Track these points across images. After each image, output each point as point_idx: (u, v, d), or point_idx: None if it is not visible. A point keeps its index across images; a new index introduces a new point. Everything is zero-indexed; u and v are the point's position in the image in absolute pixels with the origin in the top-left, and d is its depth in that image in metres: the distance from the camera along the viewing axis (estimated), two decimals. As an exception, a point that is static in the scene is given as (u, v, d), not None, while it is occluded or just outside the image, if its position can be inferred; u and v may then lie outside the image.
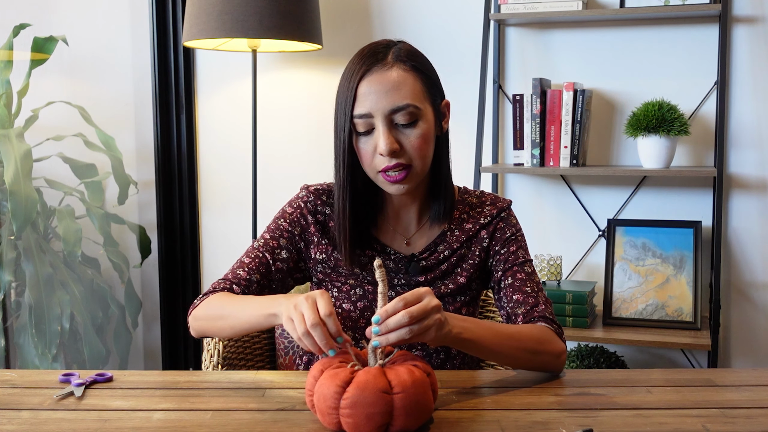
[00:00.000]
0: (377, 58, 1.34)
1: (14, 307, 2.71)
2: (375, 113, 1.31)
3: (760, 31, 2.43)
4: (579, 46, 2.58)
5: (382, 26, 2.74)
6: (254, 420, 1.11)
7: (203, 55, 2.91)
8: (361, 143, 1.35)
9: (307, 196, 1.47)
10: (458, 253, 1.46)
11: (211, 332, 1.37)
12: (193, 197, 2.96)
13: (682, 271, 2.43)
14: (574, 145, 2.43)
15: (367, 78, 1.32)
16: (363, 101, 1.32)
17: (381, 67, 1.33)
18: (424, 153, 1.35)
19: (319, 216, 1.46)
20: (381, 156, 1.33)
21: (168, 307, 3.00)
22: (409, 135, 1.33)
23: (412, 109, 1.32)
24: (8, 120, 2.66)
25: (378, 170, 1.34)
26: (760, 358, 2.51)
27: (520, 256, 1.45)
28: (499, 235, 1.46)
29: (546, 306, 1.40)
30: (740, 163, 2.48)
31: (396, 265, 1.45)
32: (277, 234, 1.46)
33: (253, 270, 1.43)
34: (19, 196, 2.44)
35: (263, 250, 1.45)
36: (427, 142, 1.35)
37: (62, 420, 1.12)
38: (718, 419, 1.11)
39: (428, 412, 1.07)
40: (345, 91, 1.34)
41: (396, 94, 1.31)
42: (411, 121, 1.32)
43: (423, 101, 1.34)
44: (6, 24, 2.78)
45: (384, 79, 1.32)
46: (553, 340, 1.34)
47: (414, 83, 1.33)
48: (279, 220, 1.47)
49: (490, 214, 1.48)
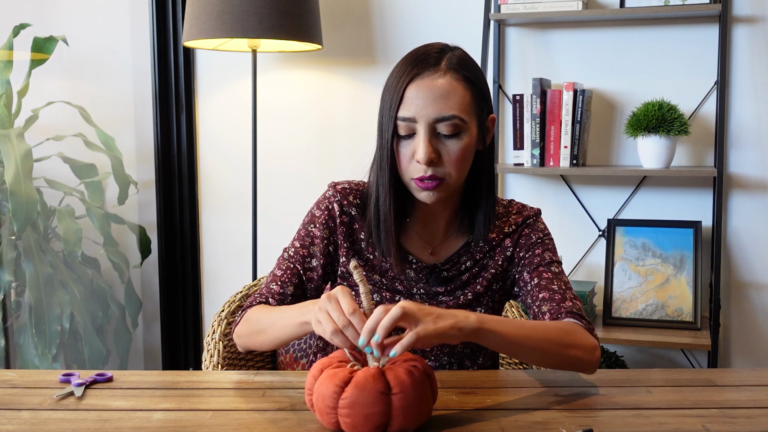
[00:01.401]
0: (429, 62, 1.30)
1: (14, 307, 2.71)
2: (419, 119, 1.28)
3: (760, 31, 2.43)
4: (579, 46, 2.58)
5: (382, 26, 2.74)
6: (254, 420, 1.11)
7: (203, 55, 2.91)
8: (400, 146, 1.31)
9: (334, 195, 1.43)
10: (480, 263, 1.43)
11: (255, 347, 1.38)
12: (193, 197, 2.96)
13: (682, 271, 2.43)
14: (574, 145, 2.43)
15: (416, 81, 1.28)
16: (409, 105, 1.28)
17: (432, 72, 1.29)
18: (460, 167, 1.31)
19: (344, 217, 1.42)
20: (417, 163, 1.29)
21: (168, 307, 3.00)
22: (449, 146, 1.29)
23: (458, 121, 1.28)
24: (8, 120, 2.66)
25: (411, 176, 1.31)
26: (760, 358, 2.51)
27: (547, 258, 1.41)
28: (524, 241, 1.42)
29: (574, 302, 1.34)
30: (740, 163, 2.48)
31: (417, 275, 1.41)
32: (307, 242, 1.43)
33: (286, 282, 1.41)
34: (19, 196, 2.45)
35: (294, 261, 1.43)
36: (465, 157, 1.31)
37: (62, 420, 1.12)
38: (718, 419, 1.11)
39: (427, 413, 1.07)
40: (392, 92, 1.30)
41: (443, 103, 1.27)
42: (454, 132, 1.29)
43: (469, 114, 1.30)
44: (6, 24, 2.78)
45: (433, 85, 1.28)
46: (583, 334, 1.28)
47: (464, 95, 1.29)
48: (309, 225, 1.44)
49: (515, 222, 1.44)
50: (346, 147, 2.81)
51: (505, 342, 1.18)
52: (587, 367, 1.27)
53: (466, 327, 1.13)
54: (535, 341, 1.21)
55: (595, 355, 1.27)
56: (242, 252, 2.91)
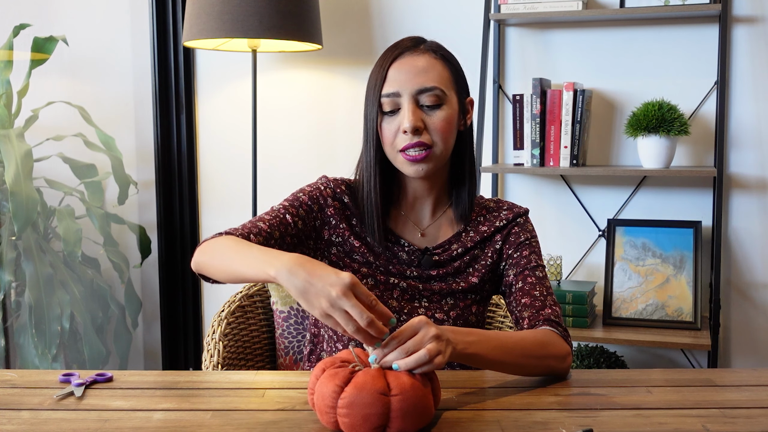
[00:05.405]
0: (409, 45, 1.41)
1: (14, 307, 2.71)
2: (402, 92, 1.37)
3: (760, 31, 2.43)
4: (579, 46, 2.58)
5: (382, 26, 2.74)
6: (254, 420, 1.11)
7: (203, 55, 2.91)
8: (385, 123, 1.39)
9: (326, 183, 1.48)
10: (471, 252, 1.47)
11: (210, 269, 1.29)
12: (193, 197, 2.96)
13: (682, 271, 2.43)
14: (574, 145, 2.43)
15: (398, 60, 1.39)
16: (392, 81, 1.38)
17: (412, 52, 1.40)
18: (445, 136, 1.38)
19: (337, 202, 1.46)
20: (404, 134, 1.37)
21: (168, 307, 3.00)
22: (433, 117, 1.38)
23: (438, 92, 1.37)
24: (8, 120, 2.66)
25: (399, 149, 1.37)
26: (760, 358, 2.51)
27: (533, 261, 1.46)
28: (513, 239, 1.48)
29: (553, 309, 1.40)
30: (740, 163, 2.48)
31: (409, 257, 1.45)
32: (296, 204, 1.43)
33: (274, 226, 1.38)
34: (19, 197, 2.45)
35: (284, 212, 1.41)
36: (449, 127, 1.39)
37: (62, 420, 1.12)
38: (718, 419, 1.11)
39: (428, 416, 1.06)
40: (376, 74, 1.40)
41: (425, 76, 1.37)
42: (436, 103, 1.38)
43: (449, 88, 1.40)
44: (6, 24, 2.79)
45: (414, 61, 1.38)
46: (557, 342, 1.33)
47: (443, 70, 1.40)
48: (298, 194, 1.45)
49: (506, 218, 1.49)
50: (346, 147, 2.81)
51: (485, 360, 1.23)
52: (560, 374, 1.33)
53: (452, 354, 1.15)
54: (513, 357, 1.26)
55: (567, 362, 1.33)
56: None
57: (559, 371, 1.32)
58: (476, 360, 1.22)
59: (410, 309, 1.43)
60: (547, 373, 1.32)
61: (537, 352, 1.29)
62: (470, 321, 1.45)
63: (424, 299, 1.44)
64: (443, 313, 1.44)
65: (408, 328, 1.10)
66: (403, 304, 1.43)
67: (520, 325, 1.41)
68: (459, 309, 1.44)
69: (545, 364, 1.30)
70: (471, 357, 1.20)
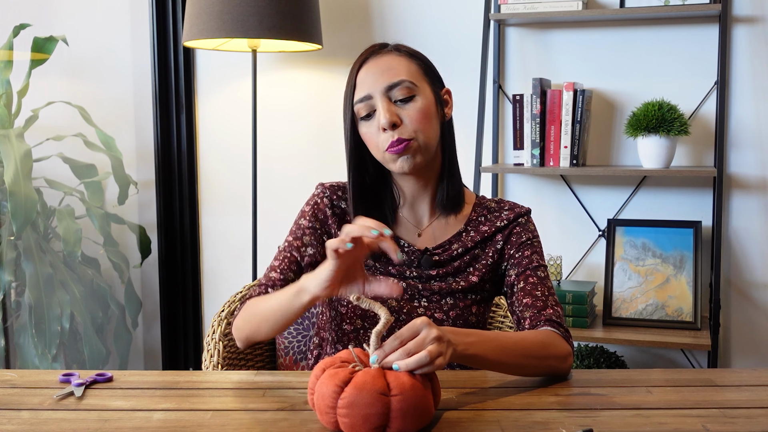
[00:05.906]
0: (374, 49, 1.43)
1: (14, 307, 2.71)
2: (374, 93, 1.38)
3: (760, 31, 2.43)
4: (579, 46, 2.58)
5: (382, 26, 2.74)
6: (254, 420, 1.11)
7: (203, 55, 2.91)
8: (365, 128, 1.41)
9: (323, 192, 1.51)
10: (472, 252, 1.47)
11: (251, 334, 1.38)
12: (193, 197, 2.96)
13: (682, 271, 2.43)
14: (574, 145, 2.43)
15: (364, 66, 1.41)
16: (361, 86, 1.39)
17: (377, 54, 1.42)
18: (424, 126, 1.38)
19: (336, 209, 1.49)
20: (384, 132, 1.37)
21: (168, 307, 3.00)
22: (408, 109, 1.38)
23: (408, 84, 1.38)
24: (8, 120, 2.66)
25: (384, 149, 1.38)
26: (760, 358, 2.51)
27: (534, 261, 1.46)
28: (515, 239, 1.47)
29: (554, 310, 1.40)
30: (740, 163, 2.48)
31: (408, 258, 1.46)
32: (299, 233, 1.49)
33: (285, 270, 1.46)
34: (19, 197, 2.44)
35: (290, 250, 1.48)
36: (427, 117, 1.39)
37: (62, 420, 1.12)
38: (718, 419, 1.11)
39: (427, 416, 1.06)
40: (347, 86, 1.42)
41: (391, 72, 1.38)
42: (409, 95, 1.38)
43: (419, 80, 1.40)
44: (6, 24, 2.78)
45: (379, 63, 1.40)
46: (558, 343, 1.33)
47: (409, 64, 1.41)
48: (299, 220, 1.51)
49: (507, 218, 1.49)
50: (346, 147, 2.81)
51: (486, 361, 1.23)
52: (561, 374, 1.33)
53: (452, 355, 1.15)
54: (514, 358, 1.26)
55: (568, 362, 1.33)
56: (242, 252, 2.91)
57: (560, 372, 1.32)
58: (477, 361, 1.22)
59: (409, 309, 1.43)
60: (548, 374, 1.31)
61: (538, 353, 1.29)
62: (470, 321, 1.45)
63: (423, 299, 1.44)
64: (443, 313, 1.44)
65: (409, 329, 1.11)
66: (403, 304, 1.43)
67: (521, 326, 1.41)
68: (459, 309, 1.44)
69: (546, 364, 1.30)
70: (472, 358, 1.20)
